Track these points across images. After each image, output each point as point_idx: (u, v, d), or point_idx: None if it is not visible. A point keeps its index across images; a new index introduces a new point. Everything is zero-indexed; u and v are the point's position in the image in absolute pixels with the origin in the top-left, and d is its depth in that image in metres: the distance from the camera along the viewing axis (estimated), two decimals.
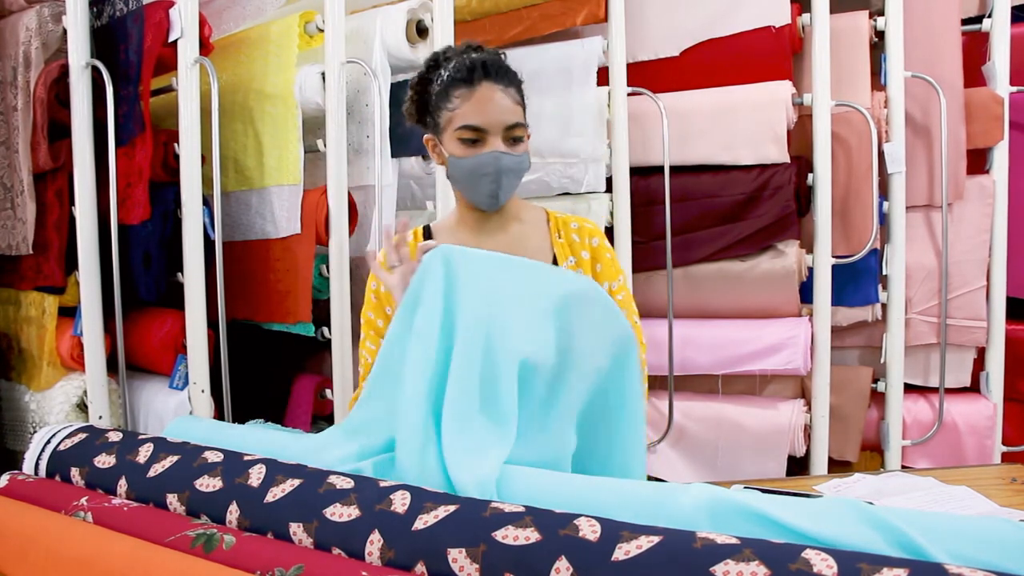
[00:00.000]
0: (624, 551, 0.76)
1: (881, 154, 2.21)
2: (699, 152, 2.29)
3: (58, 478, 1.16)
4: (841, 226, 2.27)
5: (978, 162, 2.31)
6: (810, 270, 2.25)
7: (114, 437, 1.18)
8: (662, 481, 1.34)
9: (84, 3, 2.05)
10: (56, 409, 2.12)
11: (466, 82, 1.27)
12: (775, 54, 2.26)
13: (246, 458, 1.06)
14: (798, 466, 2.30)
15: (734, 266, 2.27)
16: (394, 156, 2.23)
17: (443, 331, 1.06)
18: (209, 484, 1.02)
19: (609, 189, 2.26)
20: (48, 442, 1.20)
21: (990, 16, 2.24)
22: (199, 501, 1.01)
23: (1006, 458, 2.30)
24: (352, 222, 2.16)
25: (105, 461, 1.12)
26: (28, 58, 2.09)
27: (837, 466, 2.32)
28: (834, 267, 2.23)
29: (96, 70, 2.04)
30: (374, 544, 0.86)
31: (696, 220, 2.28)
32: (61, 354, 2.16)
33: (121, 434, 1.19)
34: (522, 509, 0.85)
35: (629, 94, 2.26)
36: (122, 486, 1.08)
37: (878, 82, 2.27)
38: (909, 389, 2.33)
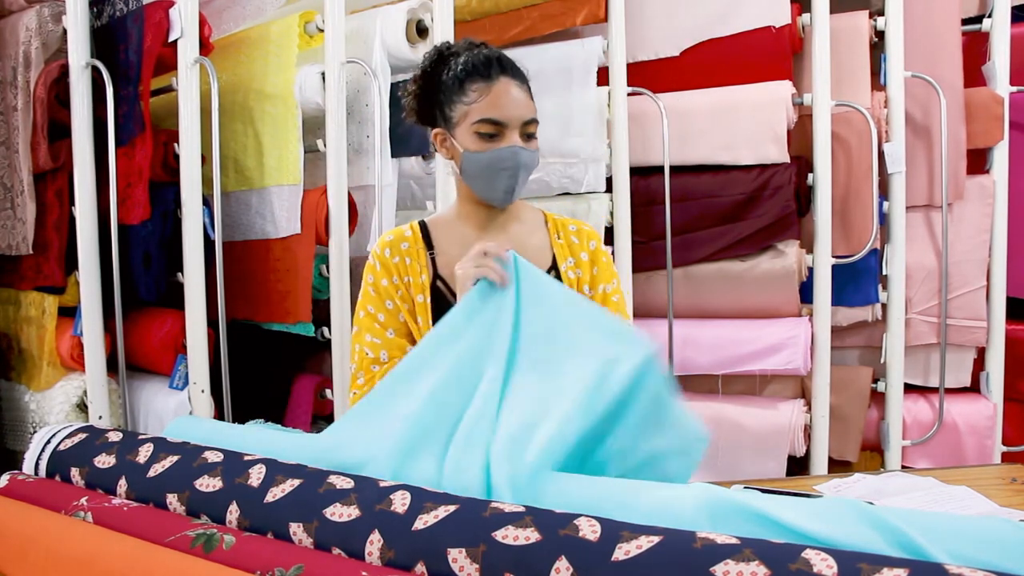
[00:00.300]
0: (624, 551, 0.76)
1: (881, 154, 2.21)
2: (699, 152, 2.29)
3: (58, 478, 1.16)
4: (841, 226, 2.27)
5: (978, 162, 2.31)
6: (810, 270, 2.25)
7: (114, 437, 1.18)
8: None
9: (84, 3, 2.05)
10: (56, 409, 2.12)
11: (484, 76, 1.26)
12: (775, 54, 2.26)
13: (246, 458, 1.06)
14: (798, 466, 2.30)
15: (734, 266, 2.27)
16: (394, 156, 2.23)
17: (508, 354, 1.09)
18: (209, 484, 1.02)
19: (609, 189, 2.26)
20: (48, 442, 1.20)
21: (990, 16, 2.24)
22: (199, 501, 1.01)
23: (1006, 458, 2.30)
24: (352, 222, 2.16)
25: (105, 461, 1.12)
26: (28, 58, 2.09)
27: (837, 466, 2.32)
28: (834, 267, 2.23)
29: (96, 70, 2.04)
30: (374, 544, 0.86)
31: (696, 220, 2.28)
32: (61, 354, 2.16)
33: (121, 434, 1.19)
34: (522, 509, 0.85)
35: (629, 94, 2.26)
36: (122, 486, 1.08)
37: (878, 82, 2.27)
38: (909, 389, 2.33)
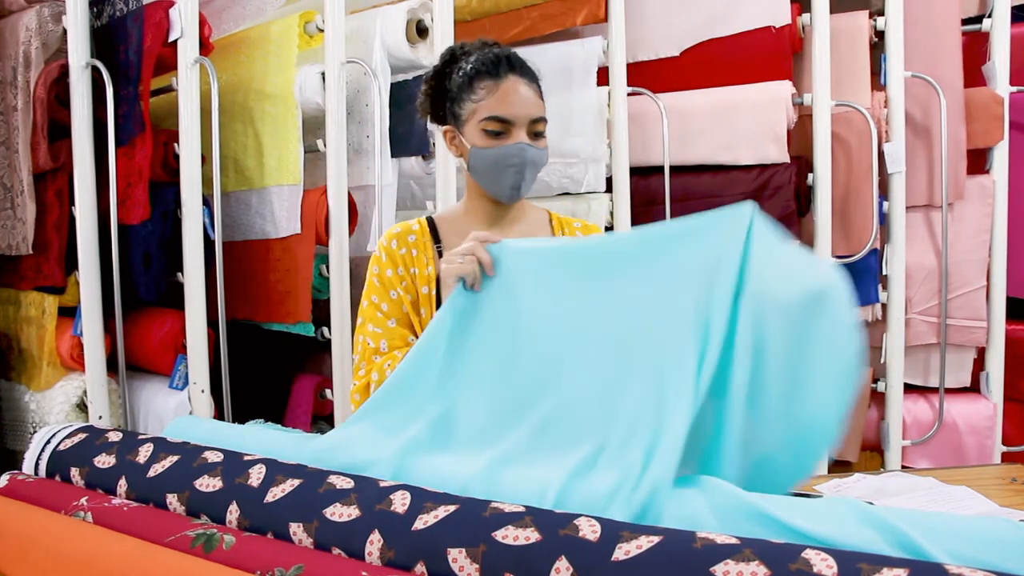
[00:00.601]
0: (624, 551, 0.76)
1: (881, 154, 2.21)
2: (699, 152, 2.29)
3: (58, 478, 1.16)
4: (841, 226, 2.27)
5: (978, 162, 2.31)
6: None
7: (114, 437, 1.18)
8: None
9: (84, 3, 2.05)
10: (56, 409, 2.12)
11: (492, 74, 1.28)
12: (775, 54, 2.26)
13: (246, 458, 1.06)
14: None
15: None
16: (394, 156, 2.23)
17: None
18: (209, 484, 1.02)
19: (609, 189, 2.26)
20: (48, 442, 1.20)
21: (990, 16, 2.24)
22: (199, 501, 1.01)
23: (1006, 458, 2.30)
24: (352, 222, 2.16)
25: (105, 461, 1.12)
26: (28, 58, 2.09)
27: (837, 466, 2.32)
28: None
29: (96, 70, 2.04)
30: (374, 544, 0.86)
31: None
32: (61, 354, 2.16)
33: (121, 434, 1.19)
34: (522, 509, 0.85)
35: (629, 94, 2.26)
36: (122, 486, 1.08)
37: (878, 82, 2.27)
38: (909, 389, 2.33)
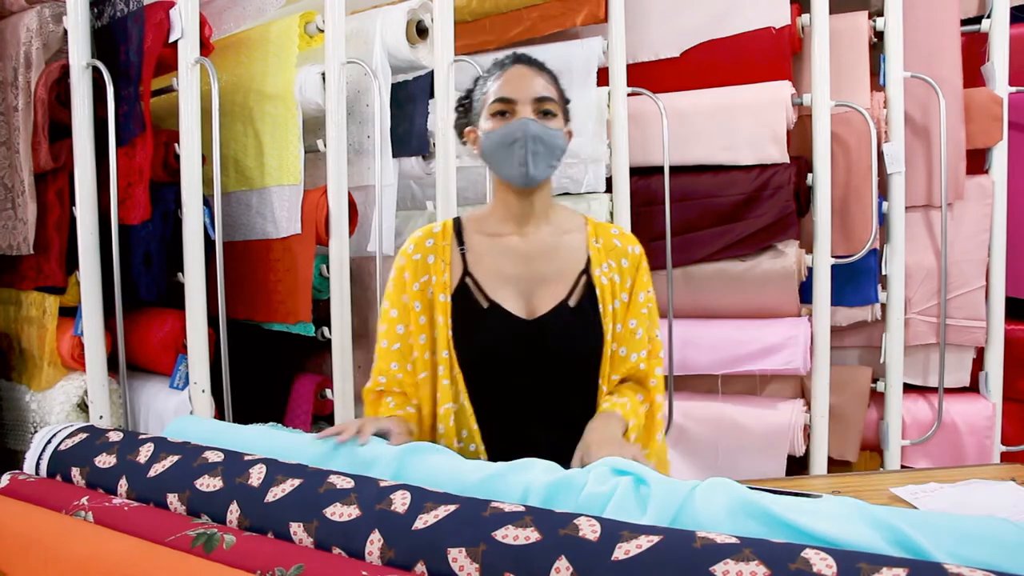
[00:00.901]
0: (624, 551, 0.76)
1: (880, 154, 2.21)
2: (699, 152, 2.29)
3: (59, 478, 1.16)
4: (841, 226, 2.27)
5: (977, 162, 2.31)
6: (810, 270, 2.25)
7: (115, 437, 1.18)
8: None
9: (85, 3, 2.05)
10: (57, 409, 2.13)
11: (500, 67, 1.34)
12: (775, 54, 2.26)
13: (246, 458, 1.06)
14: (798, 466, 2.30)
15: (734, 266, 2.27)
16: (394, 156, 2.24)
17: None
18: (209, 484, 1.02)
19: (609, 189, 2.26)
20: (49, 442, 1.20)
21: (989, 16, 2.25)
22: (199, 501, 1.01)
23: (1005, 458, 2.30)
24: (352, 222, 2.16)
25: (106, 461, 1.12)
26: (29, 58, 2.09)
27: (836, 466, 2.33)
28: (834, 267, 2.23)
29: (97, 70, 2.04)
30: (374, 544, 0.86)
31: (696, 220, 2.28)
32: (62, 354, 2.17)
33: (121, 434, 1.19)
34: (522, 509, 0.86)
35: (629, 94, 2.26)
36: (123, 486, 1.09)
37: (877, 82, 2.27)
38: (908, 389, 2.33)
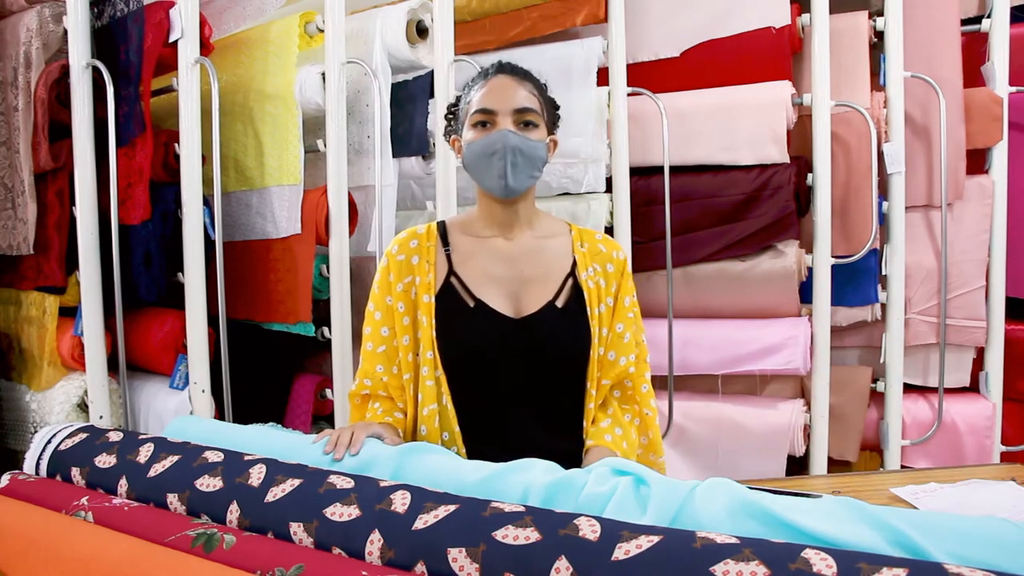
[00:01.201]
0: (624, 551, 0.76)
1: (881, 154, 2.21)
2: (699, 152, 2.29)
3: (59, 478, 1.16)
4: (841, 226, 2.27)
5: (977, 162, 2.31)
6: (810, 270, 2.25)
7: (114, 437, 1.18)
8: None
9: (84, 3, 2.05)
10: (57, 409, 2.13)
11: (483, 76, 1.35)
12: (775, 54, 2.26)
13: (246, 458, 1.06)
14: (798, 466, 2.30)
15: (734, 266, 2.27)
16: (394, 156, 2.24)
17: None
18: (209, 484, 1.02)
19: (609, 189, 2.26)
20: (49, 442, 1.20)
21: (989, 16, 2.25)
22: (199, 501, 1.01)
23: (1005, 458, 2.30)
24: (352, 222, 2.16)
25: (106, 461, 1.13)
26: (29, 58, 2.09)
27: (836, 466, 2.33)
28: (834, 267, 2.23)
29: (97, 70, 2.04)
30: (374, 544, 0.86)
31: (696, 220, 2.28)
32: (62, 354, 2.16)
33: (121, 434, 1.19)
34: (522, 509, 0.86)
35: (629, 94, 2.26)
36: (123, 486, 1.09)
37: (877, 82, 2.27)
38: (908, 389, 2.33)
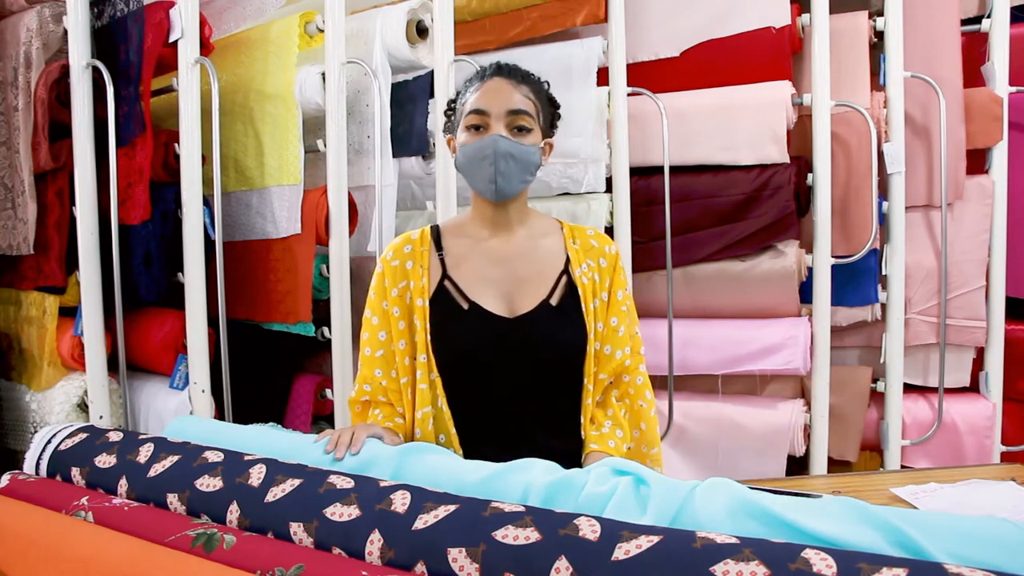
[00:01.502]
0: (624, 551, 0.76)
1: (881, 154, 2.21)
2: (699, 152, 2.29)
3: (59, 478, 1.16)
4: (841, 226, 2.27)
5: (977, 162, 2.31)
6: (810, 270, 2.25)
7: (114, 437, 1.18)
8: None
9: (84, 3, 2.05)
10: (57, 409, 2.13)
11: (479, 78, 1.34)
12: (775, 54, 2.26)
13: (246, 458, 1.06)
14: (798, 466, 2.30)
15: (734, 266, 2.27)
16: (394, 156, 2.23)
17: None
18: (209, 484, 1.02)
19: (609, 189, 2.26)
20: (49, 442, 1.20)
21: (989, 16, 2.25)
22: (199, 501, 1.01)
23: (1005, 458, 2.30)
24: (352, 222, 2.16)
25: (106, 461, 1.13)
26: (29, 58, 2.09)
27: (836, 466, 2.33)
28: (834, 267, 2.23)
29: (97, 70, 2.04)
30: (374, 544, 0.86)
31: (696, 220, 2.28)
32: (62, 354, 2.17)
33: (121, 434, 1.19)
34: (522, 509, 0.86)
35: (629, 94, 2.26)
36: (123, 486, 1.09)
37: (877, 82, 2.27)
38: (908, 389, 2.33)
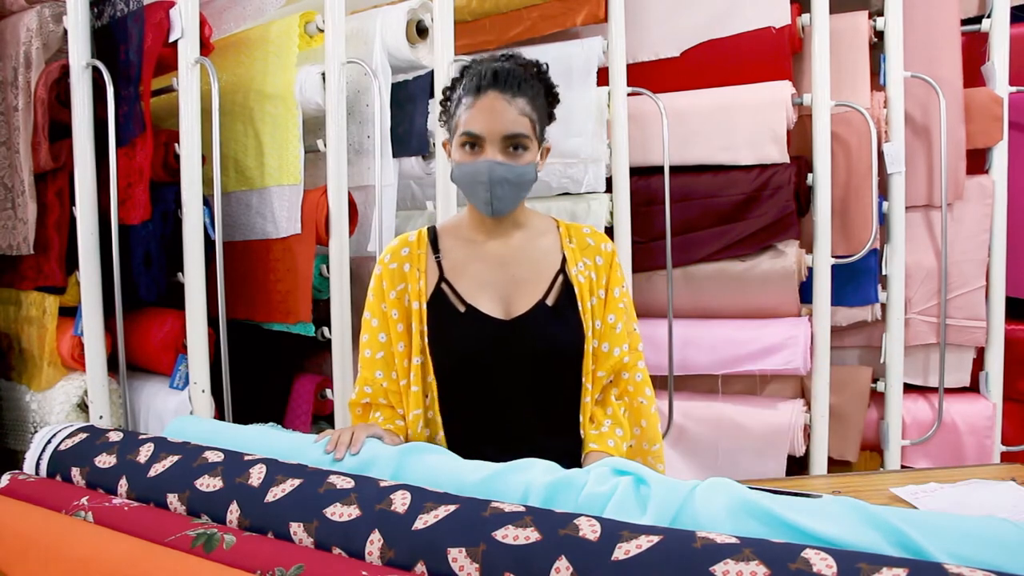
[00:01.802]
0: (624, 551, 0.76)
1: (881, 154, 2.21)
2: (699, 152, 2.29)
3: (59, 478, 1.16)
4: (841, 226, 2.27)
5: (977, 162, 2.31)
6: (810, 270, 2.25)
7: (114, 437, 1.18)
8: None
9: (84, 3, 2.05)
10: (57, 409, 2.13)
11: (474, 91, 1.29)
12: (775, 54, 2.26)
13: (246, 458, 1.06)
14: (798, 466, 2.30)
15: (734, 266, 2.27)
16: (394, 156, 2.23)
17: None
18: (209, 484, 1.02)
19: (609, 189, 2.26)
20: (49, 442, 1.20)
21: (989, 16, 2.24)
22: (199, 501, 1.01)
23: (1005, 458, 2.30)
24: (352, 222, 2.16)
25: (106, 461, 1.13)
26: (29, 58, 2.09)
27: (836, 466, 2.33)
28: (834, 267, 2.23)
29: (97, 70, 2.04)
30: (374, 544, 0.86)
31: (696, 220, 2.28)
32: (62, 354, 2.17)
33: (121, 434, 1.19)
34: (522, 509, 0.86)
35: (629, 94, 2.26)
36: (123, 486, 1.09)
37: (878, 82, 2.27)
38: (909, 389, 2.33)
